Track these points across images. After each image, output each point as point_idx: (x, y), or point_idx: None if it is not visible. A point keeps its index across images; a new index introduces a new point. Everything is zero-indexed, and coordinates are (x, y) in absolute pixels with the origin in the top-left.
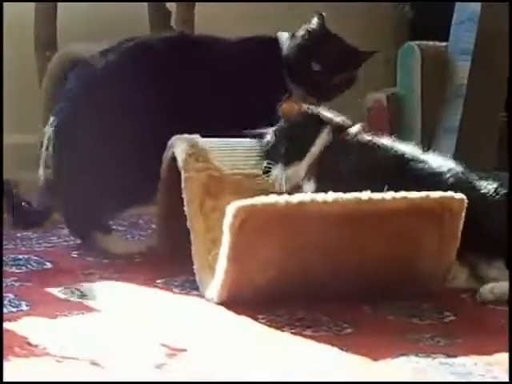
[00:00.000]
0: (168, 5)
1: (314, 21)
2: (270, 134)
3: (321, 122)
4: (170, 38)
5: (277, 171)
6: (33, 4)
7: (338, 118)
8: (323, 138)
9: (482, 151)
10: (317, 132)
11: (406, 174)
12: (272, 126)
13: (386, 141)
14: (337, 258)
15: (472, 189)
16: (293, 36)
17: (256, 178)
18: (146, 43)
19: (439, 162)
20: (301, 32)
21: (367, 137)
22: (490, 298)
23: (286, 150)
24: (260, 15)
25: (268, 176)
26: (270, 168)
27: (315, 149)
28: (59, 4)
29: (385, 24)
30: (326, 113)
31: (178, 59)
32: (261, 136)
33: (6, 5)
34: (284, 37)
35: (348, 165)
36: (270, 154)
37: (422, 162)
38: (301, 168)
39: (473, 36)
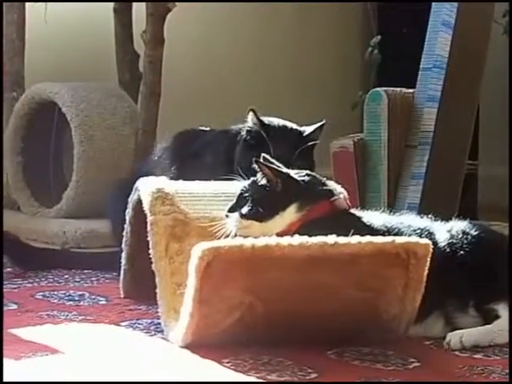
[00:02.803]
0: (136, 47)
1: (250, 118)
2: (246, 183)
3: (296, 192)
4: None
5: (231, 220)
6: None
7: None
8: (290, 214)
9: (447, 198)
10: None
11: None
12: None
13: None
14: (302, 301)
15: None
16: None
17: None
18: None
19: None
20: (242, 132)
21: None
22: (458, 347)
23: (251, 206)
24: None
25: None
26: (227, 215)
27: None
28: (27, 44)
29: (353, 69)
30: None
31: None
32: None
33: None
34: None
35: None
36: (237, 203)
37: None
38: (256, 228)
39: (440, 83)
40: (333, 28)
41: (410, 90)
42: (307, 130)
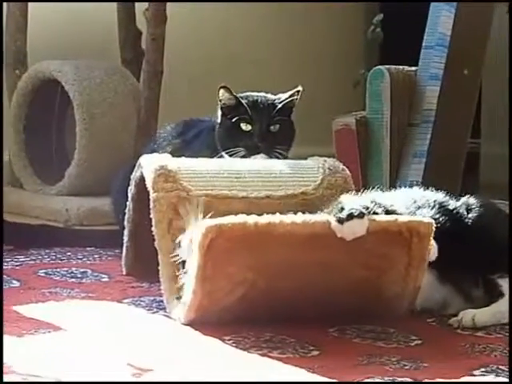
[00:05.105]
0: (138, 25)
1: (221, 95)
2: None
3: None
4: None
5: None
6: (3, 20)
7: None
8: None
9: (449, 176)
10: None
11: None
12: None
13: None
14: (304, 279)
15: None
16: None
17: (224, 200)
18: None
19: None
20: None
21: None
22: (470, 325)
23: None
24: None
25: None
26: None
27: None
28: (30, 22)
29: (355, 47)
30: None
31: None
32: None
33: None
34: None
35: None
36: None
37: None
38: None
39: (442, 61)
40: (335, 6)
41: (413, 68)
42: (282, 95)
